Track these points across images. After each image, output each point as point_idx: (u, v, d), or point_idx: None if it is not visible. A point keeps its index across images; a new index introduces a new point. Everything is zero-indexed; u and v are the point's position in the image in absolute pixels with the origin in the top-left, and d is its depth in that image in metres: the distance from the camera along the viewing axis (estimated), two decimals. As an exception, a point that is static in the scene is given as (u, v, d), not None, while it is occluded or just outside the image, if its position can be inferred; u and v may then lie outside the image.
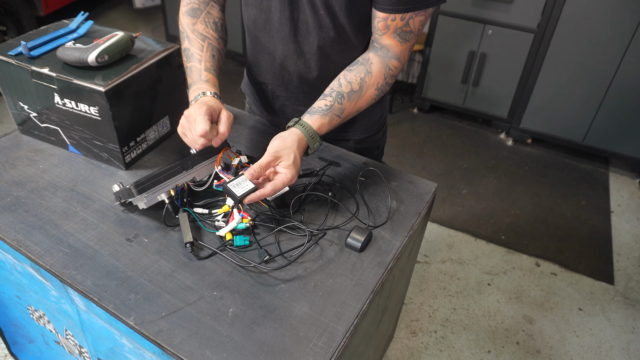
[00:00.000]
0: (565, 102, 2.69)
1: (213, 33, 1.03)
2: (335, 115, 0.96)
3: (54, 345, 1.19)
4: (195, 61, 0.99)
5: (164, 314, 0.76)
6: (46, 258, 0.84)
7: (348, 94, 0.96)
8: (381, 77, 0.98)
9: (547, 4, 2.48)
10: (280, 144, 0.89)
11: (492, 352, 1.82)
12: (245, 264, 0.85)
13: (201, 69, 0.98)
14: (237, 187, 0.85)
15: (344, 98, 0.96)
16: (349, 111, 0.98)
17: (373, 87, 0.98)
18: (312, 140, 0.93)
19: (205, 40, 1.01)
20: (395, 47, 0.96)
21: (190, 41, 1.01)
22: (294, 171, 0.87)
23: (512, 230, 2.37)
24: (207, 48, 1.00)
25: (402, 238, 0.94)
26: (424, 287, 2.06)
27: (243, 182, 0.86)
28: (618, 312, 2.00)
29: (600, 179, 2.76)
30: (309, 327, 0.76)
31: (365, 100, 0.99)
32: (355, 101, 0.97)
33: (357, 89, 0.97)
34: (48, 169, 1.04)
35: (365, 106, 1.00)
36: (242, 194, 0.85)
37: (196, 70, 0.98)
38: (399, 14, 0.91)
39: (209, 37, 1.02)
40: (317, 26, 0.98)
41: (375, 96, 1.00)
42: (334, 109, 0.95)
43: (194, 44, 1.01)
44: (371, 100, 1.00)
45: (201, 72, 0.98)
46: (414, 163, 2.80)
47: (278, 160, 0.88)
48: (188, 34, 1.02)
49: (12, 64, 0.99)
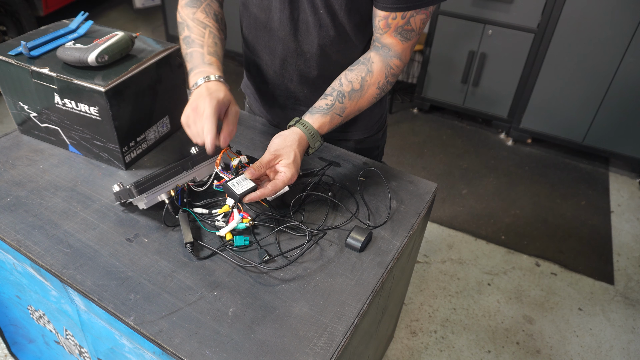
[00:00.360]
0: (565, 102, 2.69)
1: (214, 23, 1.01)
2: (336, 114, 0.95)
3: (54, 345, 1.19)
4: (196, 46, 0.95)
5: (164, 314, 0.76)
6: (46, 258, 0.84)
7: (349, 93, 0.96)
8: (382, 76, 0.97)
9: (547, 4, 2.48)
10: (281, 143, 0.89)
11: (492, 352, 1.82)
12: (245, 264, 0.85)
13: (204, 53, 0.94)
14: (237, 185, 0.86)
15: (345, 97, 0.96)
16: (350, 110, 0.97)
17: (374, 86, 0.98)
18: (312, 140, 0.93)
19: (207, 28, 0.98)
20: (396, 46, 0.96)
21: (191, 29, 0.98)
22: (294, 170, 0.87)
23: (512, 230, 2.37)
24: (209, 35, 0.98)
25: (402, 238, 0.94)
26: (424, 287, 2.06)
27: (243, 181, 0.86)
28: (618, 312, 2.00)
29: (600, 179, 2.76)
30: (309, 327, 0.76)
31: (367, 100, 0.98)
32: (356, 100, 0.97)
33: (358, 87, 0.96)
34: (48, 169, 1.04)
35: (366, 105, 1.00)
36: (242, 192, 0.85)
37: (198, 54, 0.94)
38: (400, 12, 0.90)
39: (210, 25, 0.99)
40: (317, 25, 0.98)
41: (377, 95, 0.99)
42: (335, 108, 0.95)
43: (195, 31, 0.97)
44: (372, 100, 1.00)
45: (204, 56, 0.94)
46: (414, 163, 2.80)
47: (278, 158, 0.88)
48: (188, 23, 0.99)
49: (12, 64, 0.99)
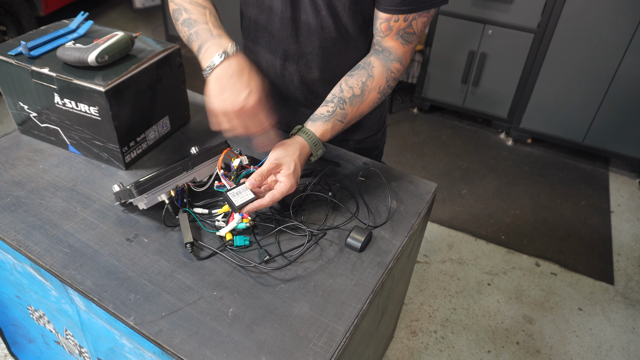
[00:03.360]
0: (565, 102, 2.69)
1: (211, 5, 0.95)
2: (338, 121, 0.96)
3: (54, 345, 1.19)
4: (200, 24, 0.89)
5: (164, 314, 0.76)
6: (46, 258, 0.84)
7: (350, 99, 0.96)
8: (383, 80, 0.98)
9: (547, 4, 2.48)
10: (282, 152, 0.89)
11: (492, 352, 1.82)
12: (245, 264, 0.85)
13: (210, 28, 0.88)
14: (237, 196, 0.87)
15: (345, 103, 0.96)
16: (352, 116, 0.98)
17: (375, 91, 0.98)
18: (315, 148, 0.93)
19: (206, 9, 0.92)
20: (397, 50, 0.96)
21: (189, 11, 0.92)
22: (293, 181, 0.88)
23: (512, 230, 2.37)
24: (210, 14, 0.92)
25: (402, 238, 0.94)
26: (424, 287, 2.06)
27: (243, 192, 0.87)
28: (618, 312, 2.00)
29: (600, 179, 2.76)
30: (309, 327, 0.76)
31: (368, 104, 0.99)
32: (357, 106, 0.97)
33: (359, 93, 0.96)
34: (48, 169, 1.04)
35: (367, 110, 1.00)
36: (240, 203, 0.86)
37: (204, 30, 0.88)
38: (402, 14, 0.91)
39: (208, 7, 0.94)
40: (319, 27, 0.98)
41: (378, 99, 1.00)
42: (337, 114, 0.95)
43: (194, 12, 0.91)
44: (373, 104, 1.00)
45: (212, 30, 0.87)
46: (414, 163, 2.80)
47: (278, 168, 0.89)
48: (185, 6, 0.93)
49: (12, 64, 0.99)
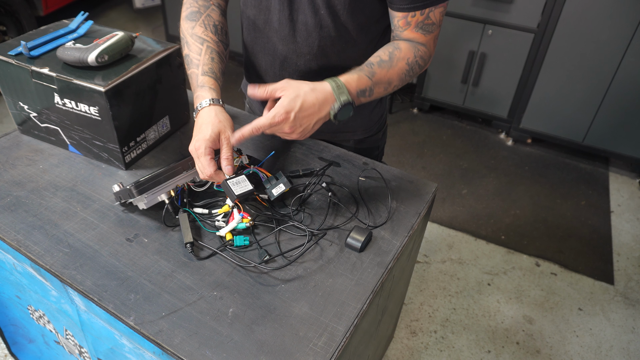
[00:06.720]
0: (565, 102, 2.69)
1: (212, 36, 1.01)
2: (365, 75, 0.91)
3: (54, 345, 1.19)
4: (194, 67, 0.97)
5: (164, 314, 0.76)
6: (46, 258, 0.84)
7: (378, 63, 0.93)
8: (411, 54, 0.95)
9: (547, 4, 2.47)
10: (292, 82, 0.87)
11: (492, 352, 1.82)
12: (245, 264, 0.85)
13: (198, 74, 0.96)
14: (236, 185, 0.87)
15: (373, 65, 0.93)
16: (380, 77, 0.93)
17: (403, 61, 0.95)
18: (338, 90, 0.86)
19: (204, 44, 0.99)
20: (420, 39, 0.96)
21: (189, 46, 0.99)
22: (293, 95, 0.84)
23: (512, 230, 2.37)
24: (206, 51, 0.99)
25: (402, 238, 0.94)
26: (424, 287, 2.06)
27: (242, 182, 0.87)
28: (618, 312, 2.00)
29: (600, 179, 2.76)
30: (309, 327, 0.76)
31: (397, 73, 0.95)
32: (386, 69, 0.93)
33: (387, 59, 0.94)
34: (48, 169, 1.04)
35: (396, 79, 0.95)
36: (239, 193, 0.86)
37: (195, 76, 0.97)
38: (418, 10, 0.91)
39: (207, 40, 1.00)
40: (317, 26, 0.98)
41: (406, 72, 0.96)
42: (363, 70, 0.92)
43: (193, 48, 0.99)
44: (402, 75, 0.96)
45: (198, 77, 0.96)
46: (414, 163, 2.80)
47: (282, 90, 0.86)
48: (187, 40, 1.00)
49: (12, 64, 0.99)
